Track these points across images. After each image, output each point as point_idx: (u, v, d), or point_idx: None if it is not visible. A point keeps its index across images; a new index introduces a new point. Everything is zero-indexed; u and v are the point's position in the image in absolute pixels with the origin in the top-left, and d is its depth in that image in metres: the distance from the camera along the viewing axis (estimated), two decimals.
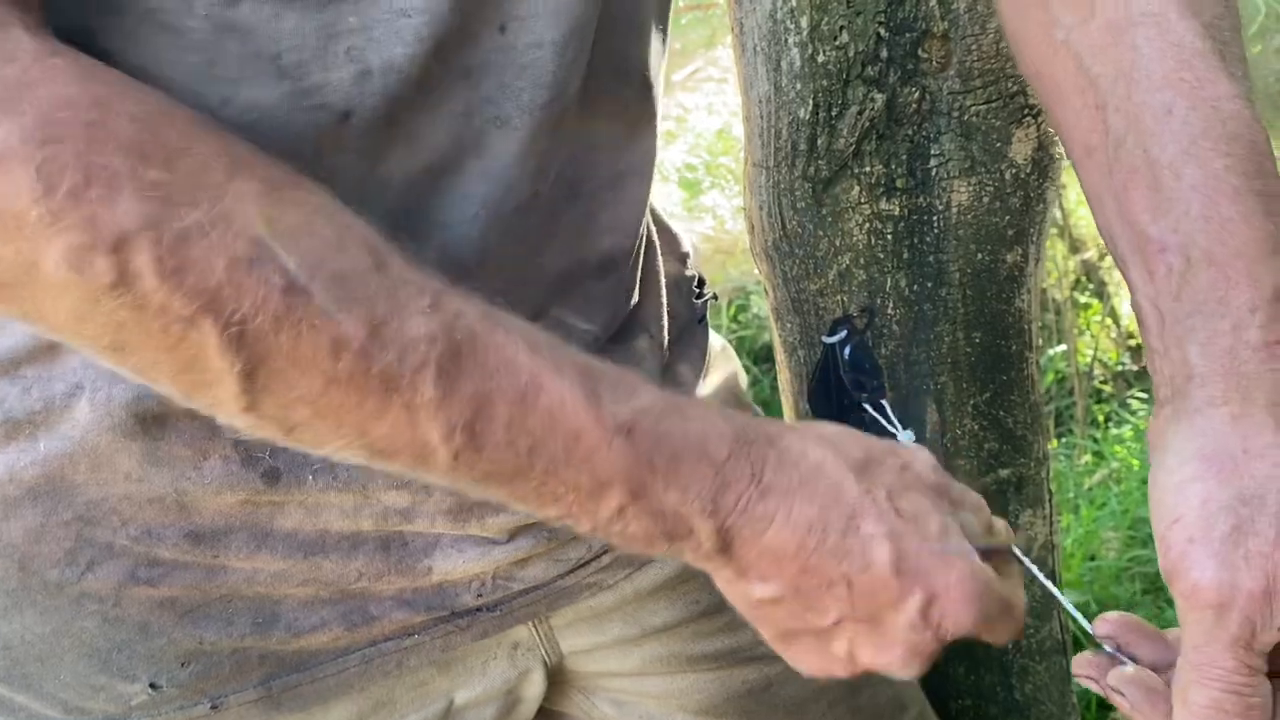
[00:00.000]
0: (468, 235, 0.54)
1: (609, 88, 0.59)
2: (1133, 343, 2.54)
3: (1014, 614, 0.51)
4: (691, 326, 0.75)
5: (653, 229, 0.70)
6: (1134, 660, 0.52)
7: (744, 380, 0.84)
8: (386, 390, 0.42)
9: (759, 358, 2.90)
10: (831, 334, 0.80)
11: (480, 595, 0.65)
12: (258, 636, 0.61)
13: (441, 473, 0.45)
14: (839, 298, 0.82)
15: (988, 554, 0.51)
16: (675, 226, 0.77)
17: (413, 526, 0.61)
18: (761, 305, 2.88)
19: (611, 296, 0.64)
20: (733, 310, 2.90)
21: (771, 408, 2.80)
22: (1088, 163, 0.53)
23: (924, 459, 0.52)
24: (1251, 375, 0.48)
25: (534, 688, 0.72)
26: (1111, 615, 0.54)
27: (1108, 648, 0.53)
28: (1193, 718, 0.47)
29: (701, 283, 0.77)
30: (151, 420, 0.56)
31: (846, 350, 0.80)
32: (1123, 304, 2.62)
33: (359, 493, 0.59)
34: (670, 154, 3.35)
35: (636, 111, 0.62)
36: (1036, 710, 1.01)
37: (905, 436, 0.64)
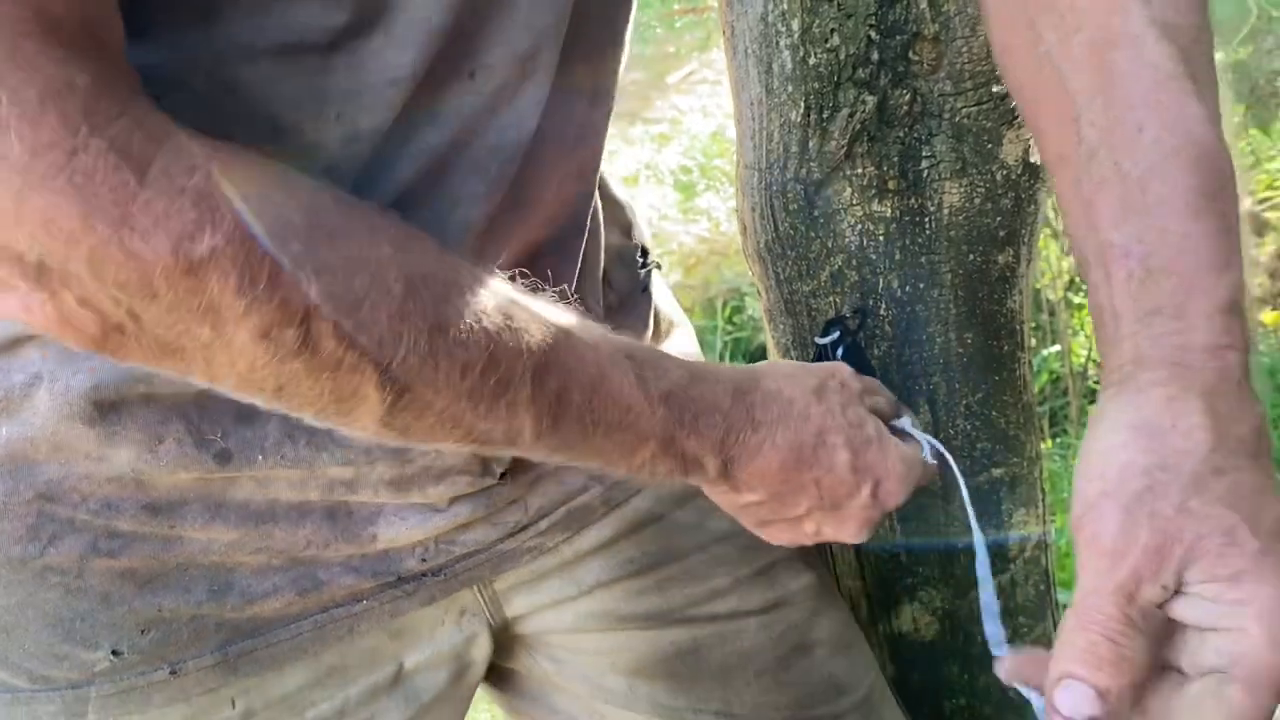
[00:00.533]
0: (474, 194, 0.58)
1: (568, 102, 0.62)
2: None
3: (925, 471, 0.68)
4: (634, 296, 0.77)
5: (597, 201, 0.72)
6: (1040, 692, 0.54)
7: (697, 352, 0.85)
8: (496, 397, 0.52)
9: (755, 359, 2.90)
10: (824, 335, 0.81)
11: (424, 560, 0.69)
12: (214, 604, 0.64)
13: (521, 449, 0.56)
14: (831, 299, 0.82)
15: (894, 430, 0.69)
16: (622, 195, 0.79)
17: (357, 496, 0.65)
18: (756, 307, 2.88)
19: (552, 280, 0.67)
20: (728, 312, 2.90)
21: None
22: (1060, 171, 0.56)
23: (845, 372, 0.68)
24: (1194, 368, 0.51)
25: (481, 650, 0.76)
26: (1008, 659, 0.60)
27: (1014, 685, 0.59)
28: (1067, 658, 0.49)
29: (645, 252, 0.79)
30: (109, 407, 0.59)
31: (839, 351, 0.80)
32: None
33: (306, 469, 0.63)
34: (665, 156, 3.35)
35: (596, 122, 0.66)
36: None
37: (903, 421, 0.73)
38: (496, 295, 0.52)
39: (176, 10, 0.47)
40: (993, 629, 0.64)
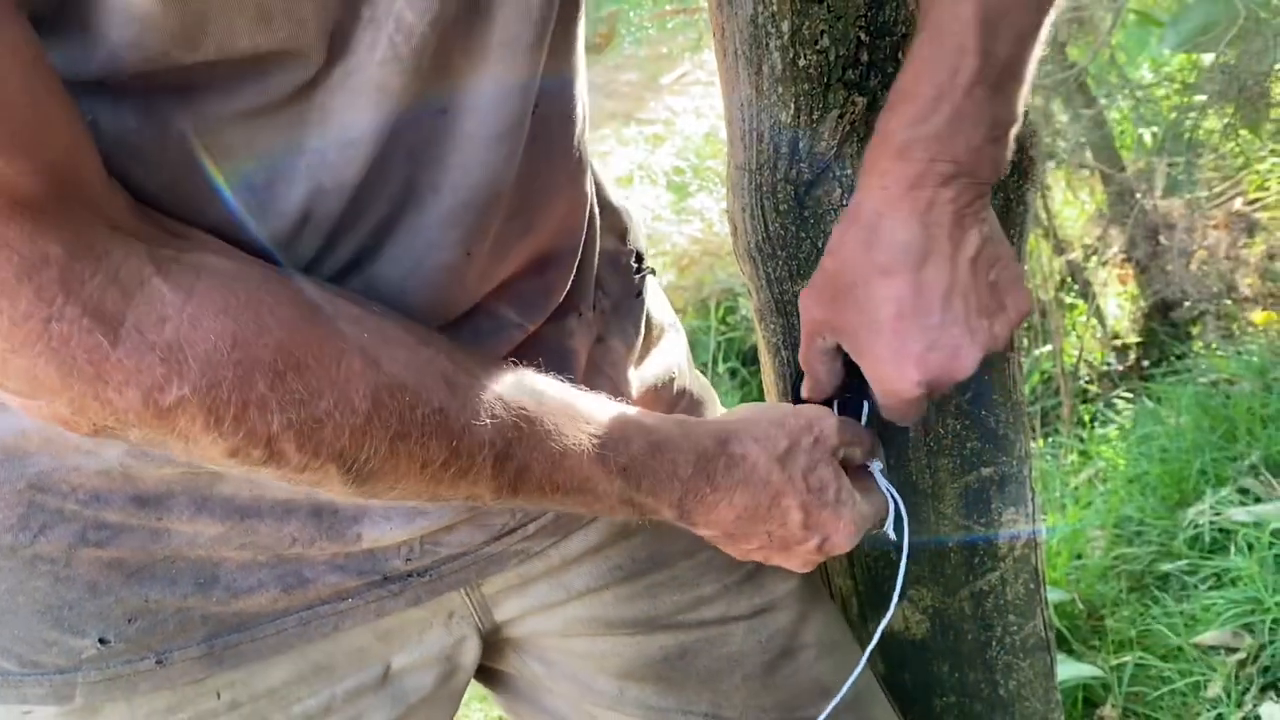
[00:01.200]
0: (402, 292, 0.60)
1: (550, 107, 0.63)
2: (1118, 343, 2.56)
3: (876, 520, 0.74)
4: (628, 301, 0.78)
5: (594, 207, 0.72)
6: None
7: (685, 362, 0.86)
8: (457, 479, 0.56)
9: (748, 359, 2.91)
10: None
11: (409, 560, 0.70)
12: (200, 596, 0.66)
13: (484, 505, 0.64)
14: None
15: (863, 467, 0.75)
16: (619, 201, 0.79)
17: None
18: (749, 307, 2.88)
19: (545, 291, 0.68)
20: (721, 312, 2.91)
21: None
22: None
23: (829, 426, 0.71)
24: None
25: (469, 654, 0.77)
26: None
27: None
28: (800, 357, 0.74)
29: (640, 258, 0.79)
30: None
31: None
32: (1108, 304, 2.64)
33: None
34: (658, 157, 3.36)
35: (573, 145, 0.67)
36: (1021, 706, 1.02)
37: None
38: (464, 390, 0.56)
39: (154, 83, 0.49)
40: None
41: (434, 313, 0.61)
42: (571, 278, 0.70)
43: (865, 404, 0.76)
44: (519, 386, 0.59)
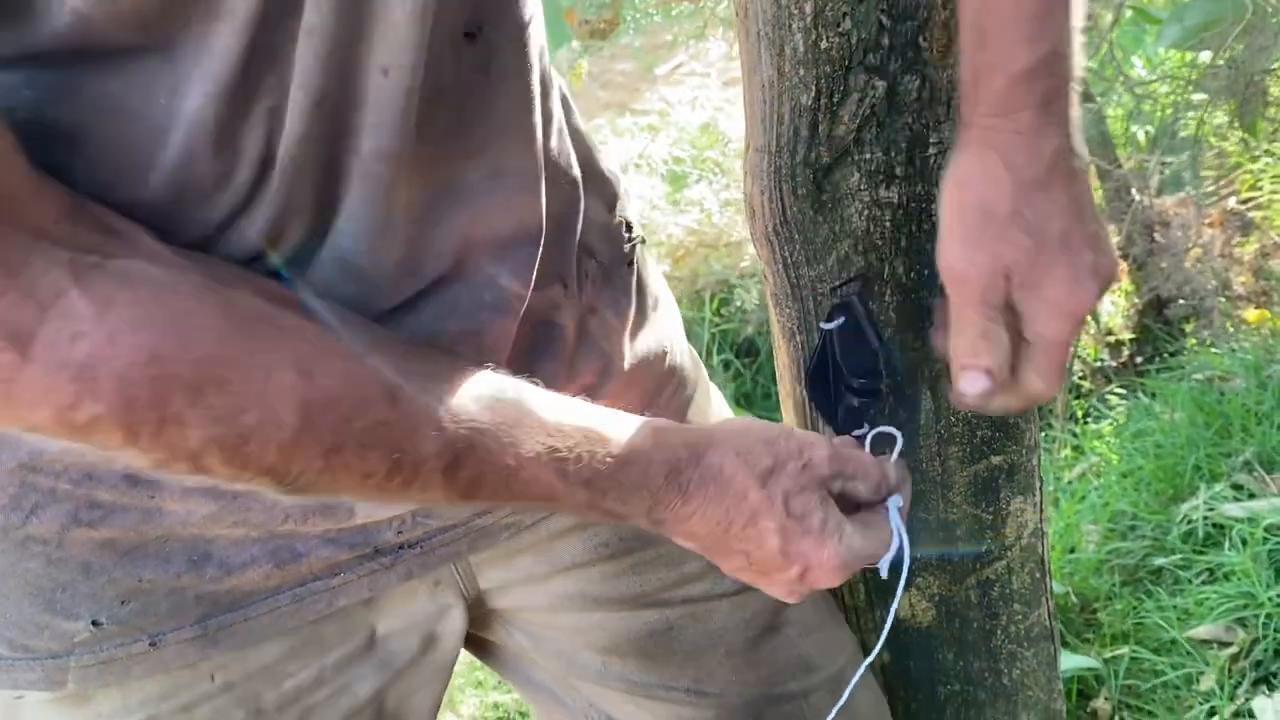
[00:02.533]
0: (357, 247, 0.58)
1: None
2: (1112, 339, 2.57)
3: (873, 558, 0.69)
4: (618, 269, 0.77)
5: (576, 170, 0.72)
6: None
7: (679, 337, 0.85)
8: (404, 488, 0.55)
9: (741, 351, 2.91)
10: (829, 320, 0.81)
11: (400, 532, 0.70)
12: (192, 575, 0.65)
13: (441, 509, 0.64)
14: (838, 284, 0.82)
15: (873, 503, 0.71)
16: (610, 168, 0.79)
17: None
18: (744, 298, 2.88)
19: (529, 243, 0.67)
20: (716, 304, 2.90)
21: (752, 400, 2.80)
22: None
23: (821, 454, 0.67)
24: (989, 129, 0.66)
25: (454, 623, 0.77)
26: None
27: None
28: (961, 353, 0.68)
29: (629, 226, 0.79)
30: None
31: (834, 338, 0.81)
32: (1102, 301, 2.64)
33: None
34: (655, 148, 3.35)
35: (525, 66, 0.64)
36: (1023, 695, 1.02)
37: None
38: (409, 402, 0.54)
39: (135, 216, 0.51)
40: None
41: (400, 267, 0.60)
42: (551, 233, 0.68)
43: (899, 440, 0.75)
44: (474, 396, 0.57)
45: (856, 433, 0.78)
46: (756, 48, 0.75)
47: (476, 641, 0.86)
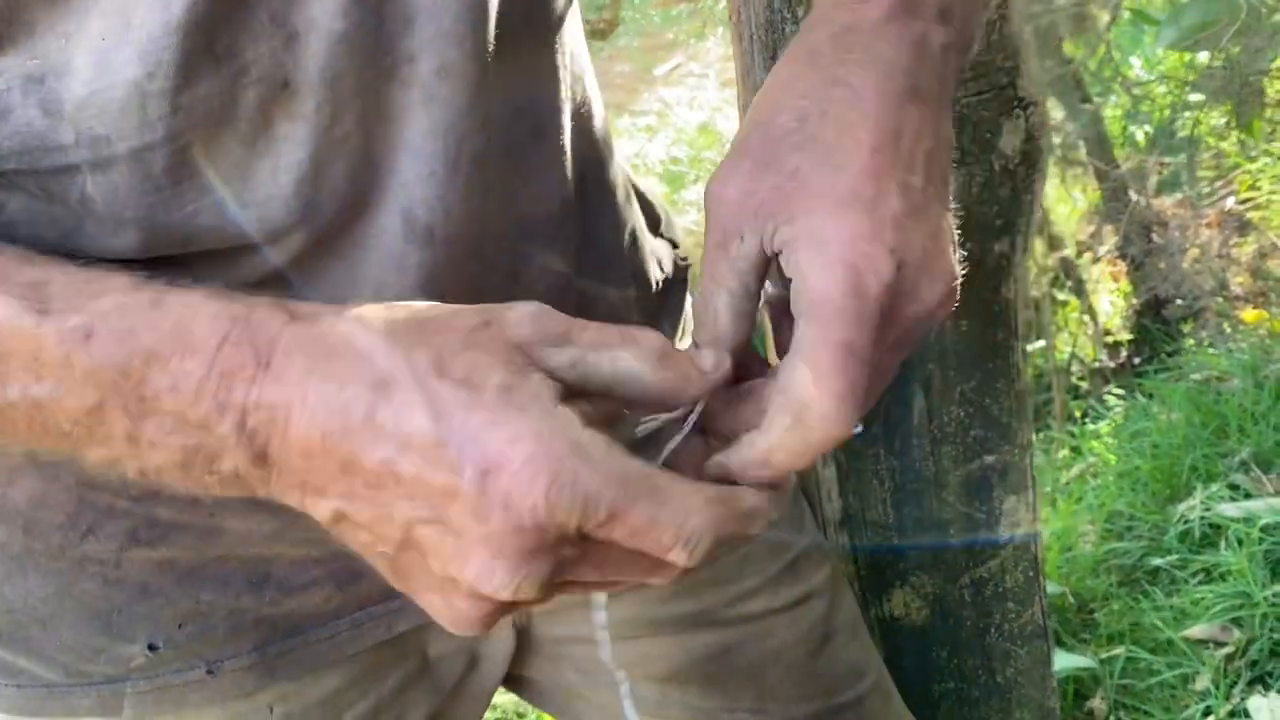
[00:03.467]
0: (426, 196, 0.53)
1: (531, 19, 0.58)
2: (1110, 340, 2.58)
3: (657, 497, 0.40)
4: (675, 285, 0.77)
5: (625, 174, 0.71)
6: None
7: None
8: None
9: None
10: None
11: None
12: (252, 596, 0.62)
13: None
14: None
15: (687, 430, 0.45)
16: (651, 192, 0.79)
17: None
18: None
19: (578, 233, 0.64)
20: None
21: None
22: None
23: (517, 314, 0.42)
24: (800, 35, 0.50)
25: (501, 645, 0.74)
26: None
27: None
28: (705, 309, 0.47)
29: (676, 245, 0.79)
30: None
31: None
32: (1100, 301, 2.65)
33: None
34: (653, 148, 3.36)
35: (556, 39, 0.61)
36: (1017, 693, 1.03)
37: None
38: None
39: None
40: None
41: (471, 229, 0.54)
42: (618, 229, 0.66)
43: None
44: None
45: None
46: (750, 51, 0.76)
47: (520, 681, 0.81)
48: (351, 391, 0.40)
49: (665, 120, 3.71)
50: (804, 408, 0.43)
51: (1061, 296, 2.62)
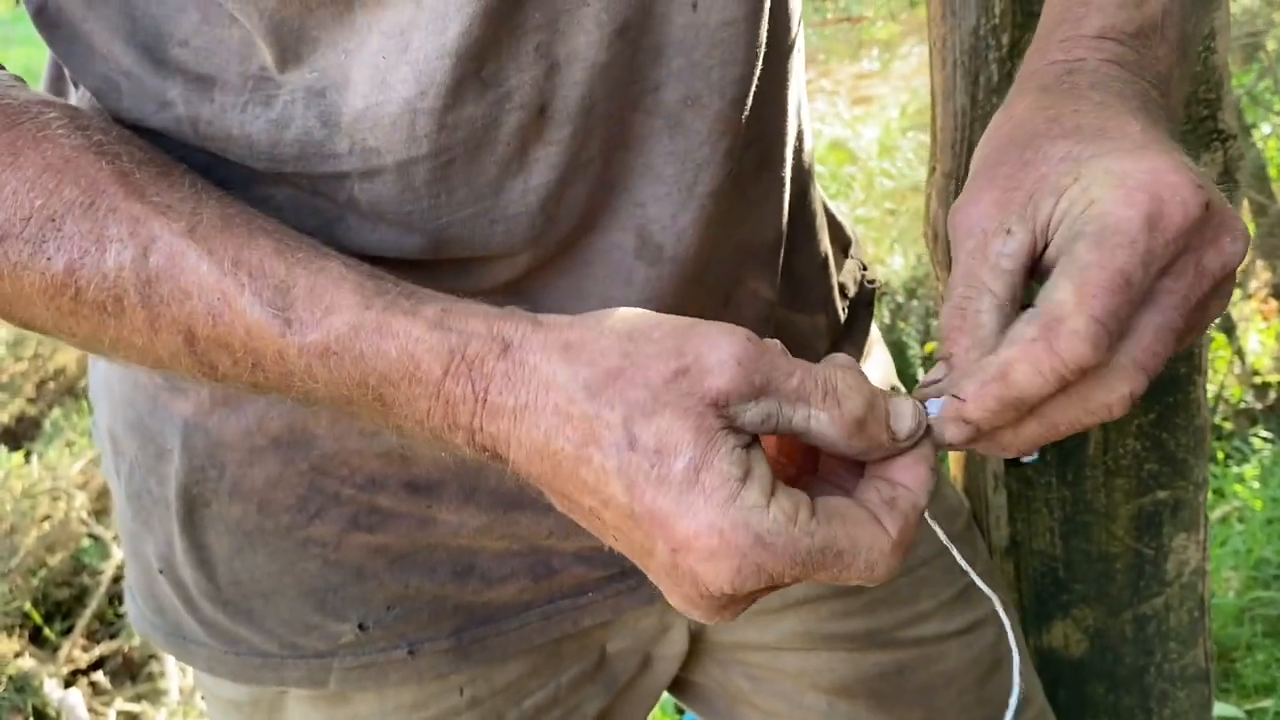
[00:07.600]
0: (660, 216, 0.56)
1: (778, 52, 0.60)
2: (1257, 380, 2.48)
3: (823, 561, 0.41)
4: (860, 310, 0.78)
5: (820, 210, 0.73)
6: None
7: (892, 370, 0.86)
8: (103, 315, 0.46)
9: None
10: None
11: None
12: (455, 585, 0.65)
13: (218, 384, 0.48)
14: None
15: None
16: (839, 215, 0.80)
17: None
18: None
19: (785, 262, 0.66)
20: None
21: None
22: None
23: (718, 356, 0.42)
24: (1039, 73, 0.53)
25: (674, 646, 0.75)
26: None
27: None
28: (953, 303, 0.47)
29: (864, 267, 0.80)
30: None
31: None
32: (1249, 340, 2.56)
33: None
34: None
35: (787, 67, 0.63)
36: None
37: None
38: (109, 198, 0.46)
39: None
40: None
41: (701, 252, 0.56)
42: (819, 254, 0.67)
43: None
44: (186, 208, 0.47)
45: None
46: (952, 76, 0.77)
47: (685, 685, 0.82)
48: (557, 446, 0.42)
49: None
50: (1056, 321, 0.41)
51: (1210, 334, 2.54)
